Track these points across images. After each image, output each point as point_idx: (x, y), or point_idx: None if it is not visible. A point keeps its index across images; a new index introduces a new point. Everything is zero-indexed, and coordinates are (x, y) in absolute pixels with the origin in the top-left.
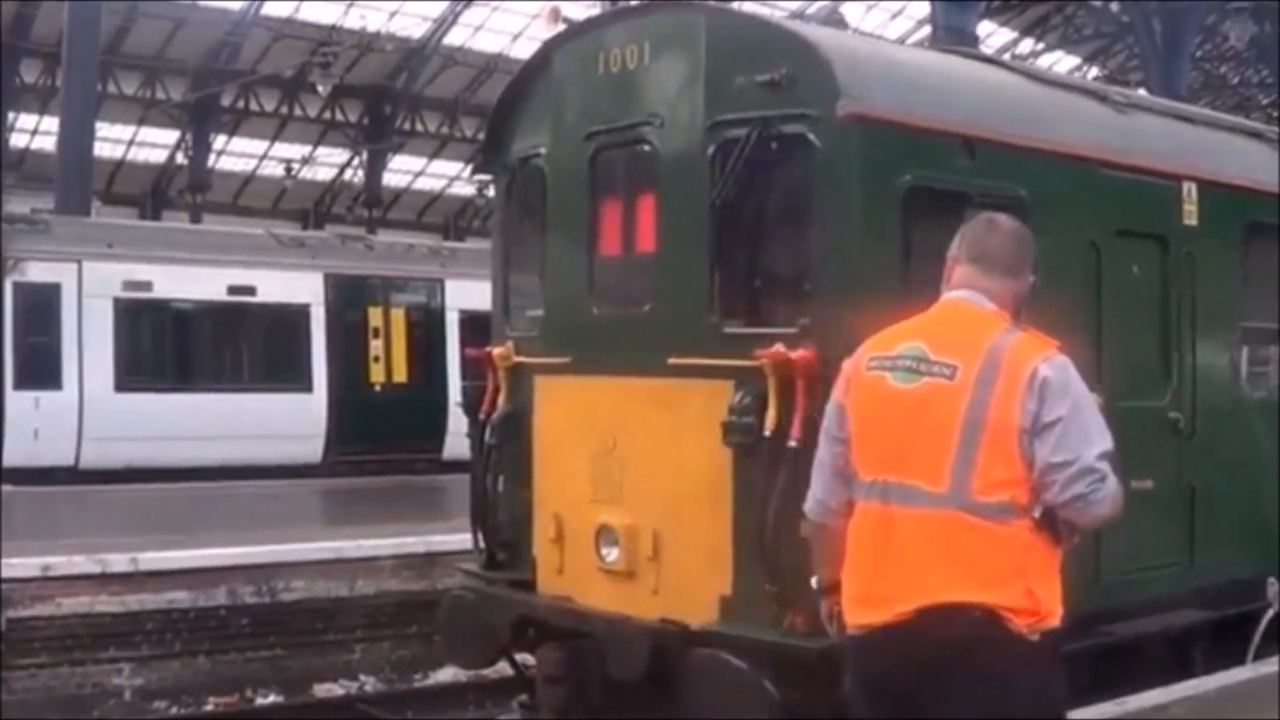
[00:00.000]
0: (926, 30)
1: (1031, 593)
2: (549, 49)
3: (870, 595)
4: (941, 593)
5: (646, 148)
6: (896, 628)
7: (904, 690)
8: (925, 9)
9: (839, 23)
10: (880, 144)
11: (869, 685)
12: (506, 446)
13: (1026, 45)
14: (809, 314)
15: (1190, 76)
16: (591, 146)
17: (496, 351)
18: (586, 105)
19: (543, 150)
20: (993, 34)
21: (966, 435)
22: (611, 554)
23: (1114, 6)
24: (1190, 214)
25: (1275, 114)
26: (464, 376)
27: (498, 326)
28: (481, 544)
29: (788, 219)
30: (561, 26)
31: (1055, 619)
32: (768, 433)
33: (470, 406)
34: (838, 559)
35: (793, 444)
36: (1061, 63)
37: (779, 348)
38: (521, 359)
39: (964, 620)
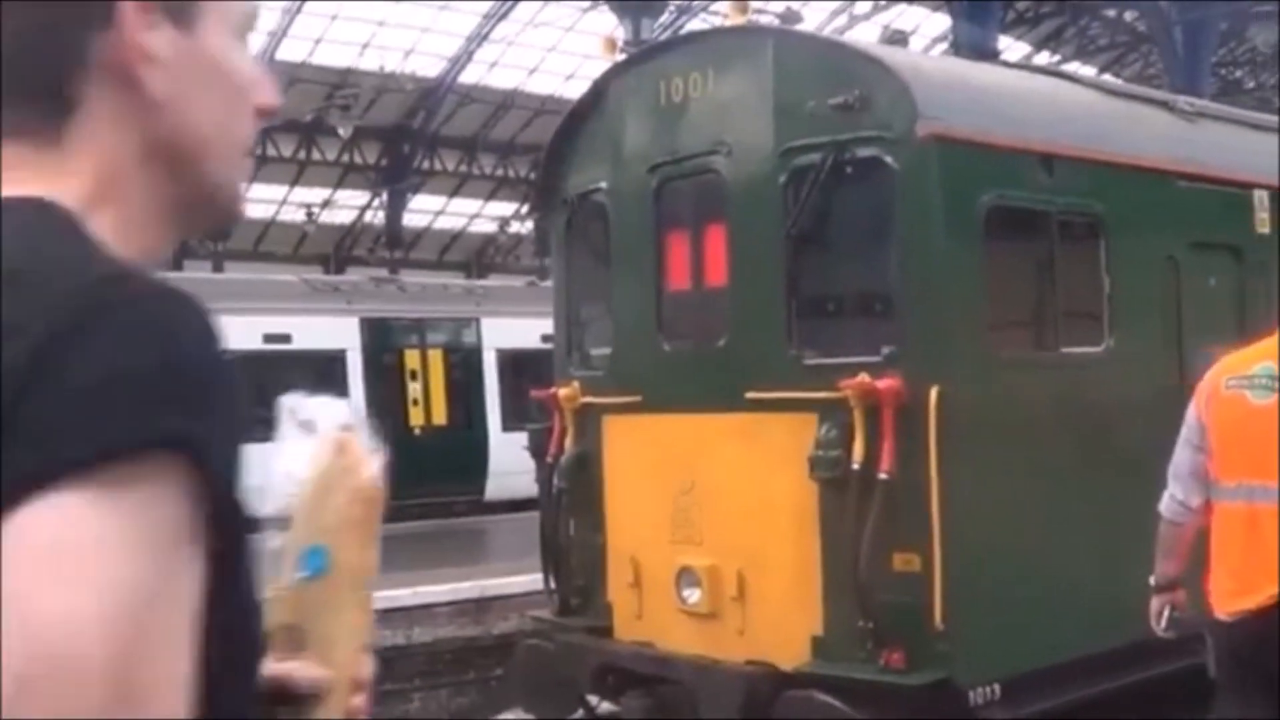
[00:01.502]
0: (941, 48)
1: None
2: (604, 81)
3: (1242, 585)
4: None
5: (714, 177)
6: (1268, 609)
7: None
8: (940, 26)
9: (901, 41)
10: (960, 164)
11: (1243, 662)
12: (577, 489)
13: (1042, 58)
14: (893, 341)
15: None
16: (656, 178)
17: (562, 392)
18: (649, 136)
19: (603, 184)
20: (1009, 48)
21: None
22: (693, 596)
23: (1128, 16)
24: (1263, 222)
25: None
26: (504, 416)
27: (561, 366)
28: (554, 589)
29: (866, 244)
30: (619, 57)
31: None
32: (856, 465)
33: (537, 449)
34: (1182, 557)
35: (883, 476)
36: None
37: (863, 377)
38: (589, 399)
39: None
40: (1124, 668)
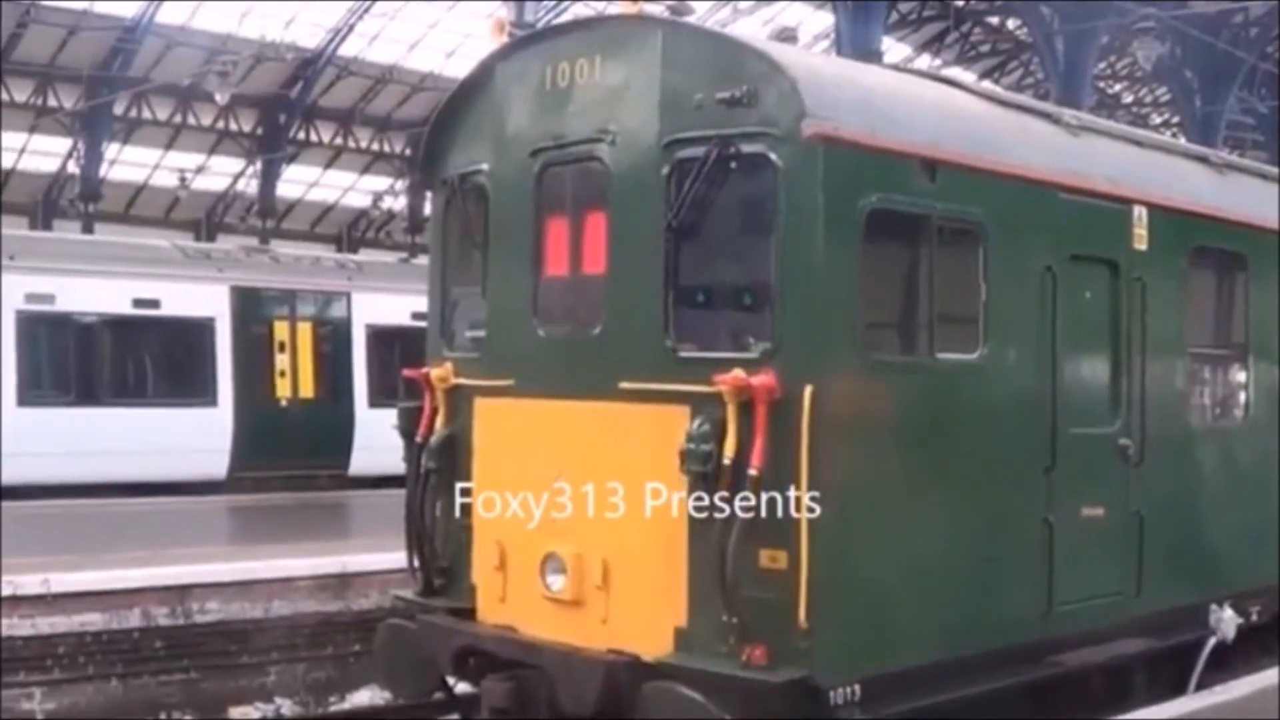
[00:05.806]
0: (822, 46)
1: None
2: (491, 63)
3: None
4: None
5: (597, 165)
6: None
7: None
8: (824, 23)
9: (790, 39)
10: (844, 165)
11: None
12: (445, 471)
13: (924, 61)
14: (769, 337)
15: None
16: (537, 163)
17: (435, 372)
18: (533, 121)
19: (485, 167)
20: (891, 49)
21: None
22: (557, 582)
23: (1011, 24)
24: (1140, 238)
25: (1170, 133)
26: (371, 391)
27: (435, 346)
28: (417, 569)
29: (746, 241)
30: (506, 38)
31: None
32: (727, 461)
33: (407, 428)
34: None
35: (753, 472)
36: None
37: (738, 373)
38: (461, 380)
39: None
40: (988, 673)
